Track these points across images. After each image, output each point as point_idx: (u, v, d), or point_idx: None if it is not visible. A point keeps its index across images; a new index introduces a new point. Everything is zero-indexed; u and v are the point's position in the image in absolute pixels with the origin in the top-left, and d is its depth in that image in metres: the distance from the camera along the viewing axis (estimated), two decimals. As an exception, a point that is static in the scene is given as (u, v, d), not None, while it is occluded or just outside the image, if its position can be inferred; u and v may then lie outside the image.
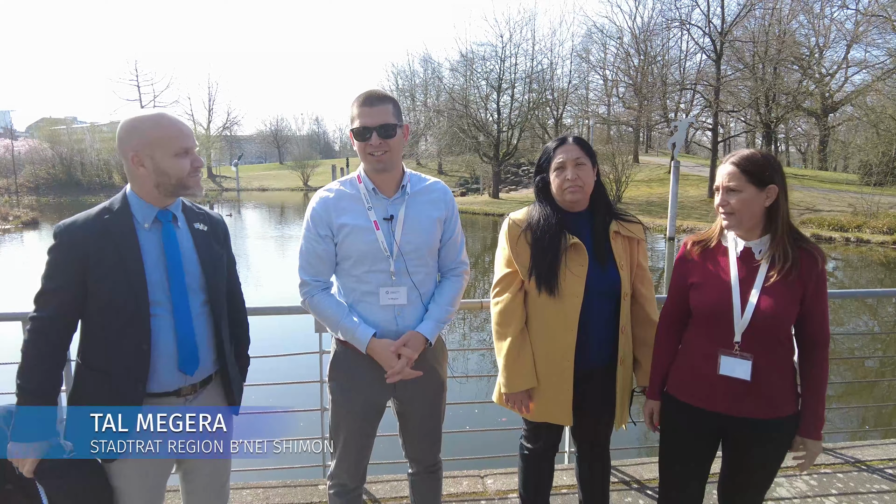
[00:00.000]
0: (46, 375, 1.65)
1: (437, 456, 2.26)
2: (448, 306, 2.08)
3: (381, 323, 2.01)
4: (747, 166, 1.84)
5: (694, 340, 1.99)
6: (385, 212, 2.02)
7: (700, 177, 29.57)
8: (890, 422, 5.78)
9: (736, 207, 1.85)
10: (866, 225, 18.59)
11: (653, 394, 2.11)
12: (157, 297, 1.69)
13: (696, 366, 1.96)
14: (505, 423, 4.17)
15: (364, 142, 1.94)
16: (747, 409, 1.88)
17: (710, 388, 1.92)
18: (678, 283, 2.05)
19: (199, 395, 1.82)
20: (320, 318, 2.07)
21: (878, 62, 28.85)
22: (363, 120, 1.92)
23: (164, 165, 1.68)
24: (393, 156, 1.98)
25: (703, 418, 1.95)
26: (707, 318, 1.94)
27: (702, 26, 28.35)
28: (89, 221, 1.67)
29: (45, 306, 1.64)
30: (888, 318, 10.47)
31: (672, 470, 2.09)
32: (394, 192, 2.05)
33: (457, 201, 2.21)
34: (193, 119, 58.56)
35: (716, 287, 1.92)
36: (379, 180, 2.03)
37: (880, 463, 3.25)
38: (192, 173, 1.73)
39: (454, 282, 2.14)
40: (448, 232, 2.12)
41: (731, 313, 1.87)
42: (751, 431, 1.90)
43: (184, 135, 1.71)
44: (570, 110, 41.02)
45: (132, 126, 1.69)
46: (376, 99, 1.94)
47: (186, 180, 1.72)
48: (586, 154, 2.14)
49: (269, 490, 2.98)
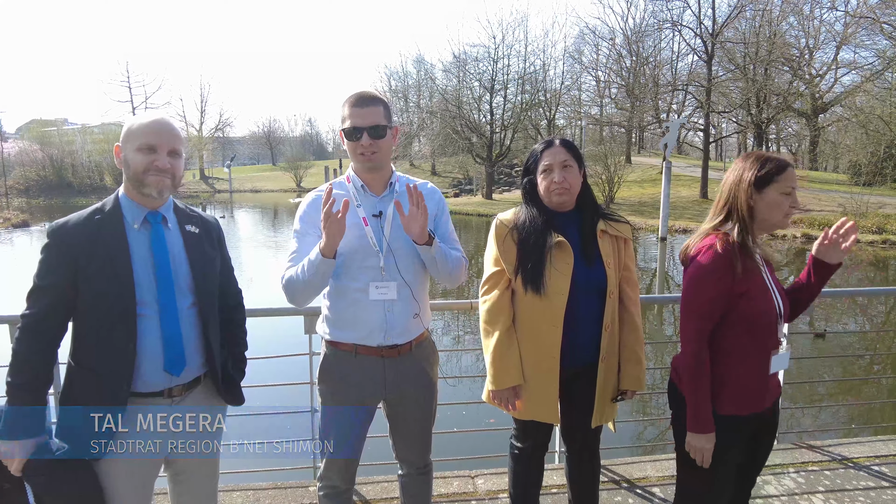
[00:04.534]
0: (36, 373, 1.66)
1: (428, 457, 2.27)
2: (452, 251, 2.08)
3: (370, 320, 2.02)
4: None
5: (750, 349, 1.87)
6: (374, 208, 2.04)
7: (692, 177, 29.75)
8: (878, 419, 5.84)
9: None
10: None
11: (706, 426, 1.84)
12: (144, 297, 1.70)
13: (752, 373, 1.89)
14: (495, 424, 4.18)
15: (354, 142, 1.96)
16: (773, 397, 1.99)
17: (763, 391, 1.94)
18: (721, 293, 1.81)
19: (187, 397, 1.82)
20: (293, 288, 1.97)
21: (867, 63, 29.15)
22: (354, 120, 1.95)
23: (128, 157, 1.72)
24: (382, 156, 2.00)
25: (749, 423, 1.94)
26: (762, 325, 1.86)
27: (693, 27, 28.60)
28: (81, 222, 1.69)
29: (35, 304, 1.66)
30: (877, 316, 10.57)
31: (726, 486, 1.97)
32: (382, 189, 2.07)
33: (450, 202, 2.23)
34: (185, 120, 58.30)
35: (763, 291, 1.88)
36: (368, 178, 2.06)
37: (867, 460, 3.28)
38: (149, 171, 1.70)
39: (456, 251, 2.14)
40: (440, 228, 2.14)
41: (777, 314, 1.90)
42: (770, 419, 2.02)
43: (153, 132, 1.71)
44: (563, 111, 41.20)
45: (128, 122, 1.76)
46: (367, 100, 1.96)
47: (142, 176, 1.70)
48: (573, 156, 2.16)
49: (259, 492, 2.98)
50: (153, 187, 1.72)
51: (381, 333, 2.02)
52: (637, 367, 2.22)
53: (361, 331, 2.03)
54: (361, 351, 2.04)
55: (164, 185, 1.73)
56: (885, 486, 3.04)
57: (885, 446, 3.45)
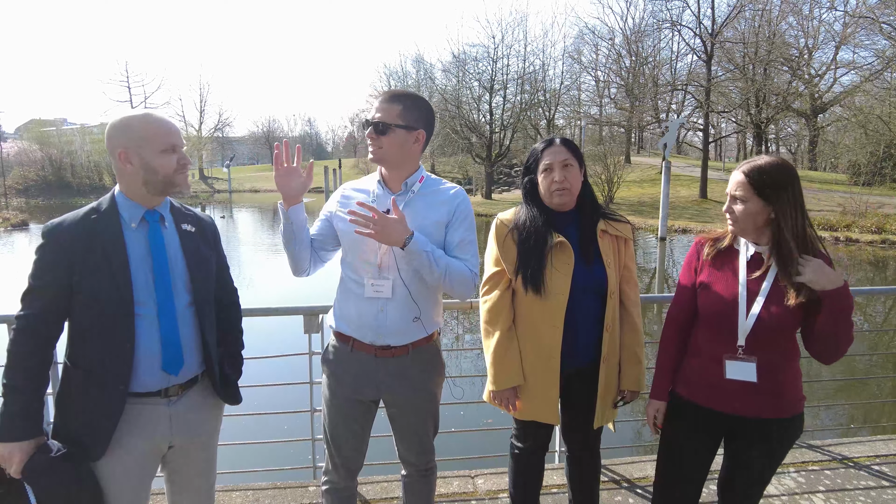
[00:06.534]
0: (32, 373, 1.65)
1: (430, 459, 2.26)
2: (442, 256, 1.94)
3: (363, 316, 2.01)
4: (756, 178, 1.82)
5: (701, 341, 1.98)
6: (386, 205, 2.01)
7: (691, 177, 29.74)
8: (878, 419, 5.83)
9: (739, 216, 1.86)
10: (855, 224, 18.75)
11: (658, 394, 2.08)
12: (141, 296, 1.69)
13: (705, 367, 1.95)
14: (495, 424, 4.18)
15: (366, 132, 2.00)
16: (756, 410, 1.88)
17: (719, 390, 1.91)
18: (687, 281, 2.04)
19: (185, 396, 1.81)
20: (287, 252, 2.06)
21: (866, 63, 29.11)
22: (371, 112, 2.00)
23: (152, 162, 1.70)
24: (385, 153, 1.98)
25: (711, 418, 1.95)
26: (713, 321, 1.93)
27: (692, 27, 28.54)
28: (76, 221, 1.68)
29: (31, 304, 1.65)
30: (877, 316, 10.57)
31: (672, 469, 2.07)
32: (399, 188, 2.06)
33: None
34: (185, 120, 58.25)
35: (723, 290, 1.91)
36: (386, 174, 2.08)
37: (867, 460, 3.28)
38: (179, 170, 1.74)
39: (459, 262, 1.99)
40: (453, 236, 2.01)
41: (736, 318, 1.87)
42: (758, 430, 1.90)
43: (171, 132, 1.73)
44: (563, 111, 41.16)
45: (121, 124, 1.71)
46: (391, 97, 2.00)
47: (174, 177, 1.74)
48: (574, 156, 2.15)
49: (258, 492, 2.97)
50: (185, 185, 1.77)
51: (372, 332, 2.01)
52: (637, 367, 2.21)
53: (356, 325, 2.03)
54: (357, 346, 2.05)
55: (188, 180, 1.78)
56: (885, 485, 3.03)
57: (885, 446, 3.45)
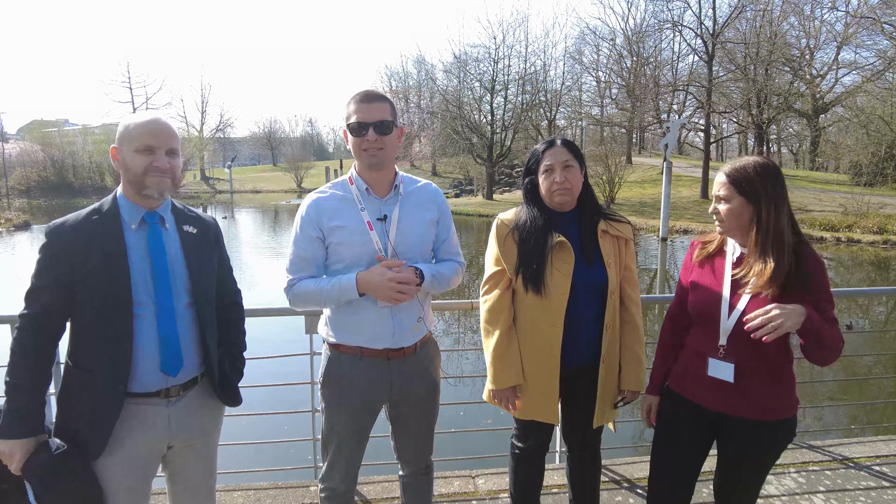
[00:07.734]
0: (34, 372, 1.66)
1: (429, 458, 2.27)
2: (440, 271, 2.07)
3: (377, 325, 2.00)
4: (737, 178, 1.86)
5: (692, 339, 2.04)
6: (378, 212, 2.01)
7: (693, 177, 29.71)
8: (878, 419, 5.83)
9: (724, 216, 1.90)
10: (857, 225, 18.72)
11: (652, 389, 2.17)
12: (140, 297, 1.70)
13: (692, 364, 2.00)
14: (496, 424, 4.18)
15: (360, 137, 1.93)
16: (740, 410, 1.90)
17: (704, 386, 1.96)
18: (683, 281, 2.11)
19: (184, 397, 1.82)
20: (306, 301, 2.00)
21: (868, 64, 29.11)
22: (360, 116, 1.93)
23: (127, 159, 1.71)
24: (387, 153, 1.97)
25: (700, 414, 1.99)
26: (699, 321, 1.99)
27: (693, 28, 28.52)
28: (78, 222, 1.69)
29: (33, 304, 1.66)
30: (878, 316, 10.56)
31: (664, 464, 2.10)
32: (387, 192, 2.04)
33: (451, 203, 2.22)
34: (186, 121, 58.36)
35: (707, 290, 1.96)
36: (372, 180, 2.02)
37: (867, 460, 3.28)
38: (149, 172, 1.70)
39: (450, 263, 2.15)
40: (442, 233, 2.14)
41: (718, 317, 1.90)
42: (746, 431, 1.91)
43: (151, 133, 1.70)
44: (564, 112, 41.08)
45: (121, 122, 1.75)
46: (374, 97, 1.96)
47: (142, 178, 1.70)
48: (574, 156, 2.16)
49: (260, 492, 2.98)
50: (154, 188, 1.71)
51: (387, 338, 2.01)
52: (637, 367, 2.22)
53: (367, 334, 2.01)
54: (367, 353, 2.02)
55: (164, 185, 1.72)
56: (885, 486, 3.04)
57: (885, 446, 3.45)
